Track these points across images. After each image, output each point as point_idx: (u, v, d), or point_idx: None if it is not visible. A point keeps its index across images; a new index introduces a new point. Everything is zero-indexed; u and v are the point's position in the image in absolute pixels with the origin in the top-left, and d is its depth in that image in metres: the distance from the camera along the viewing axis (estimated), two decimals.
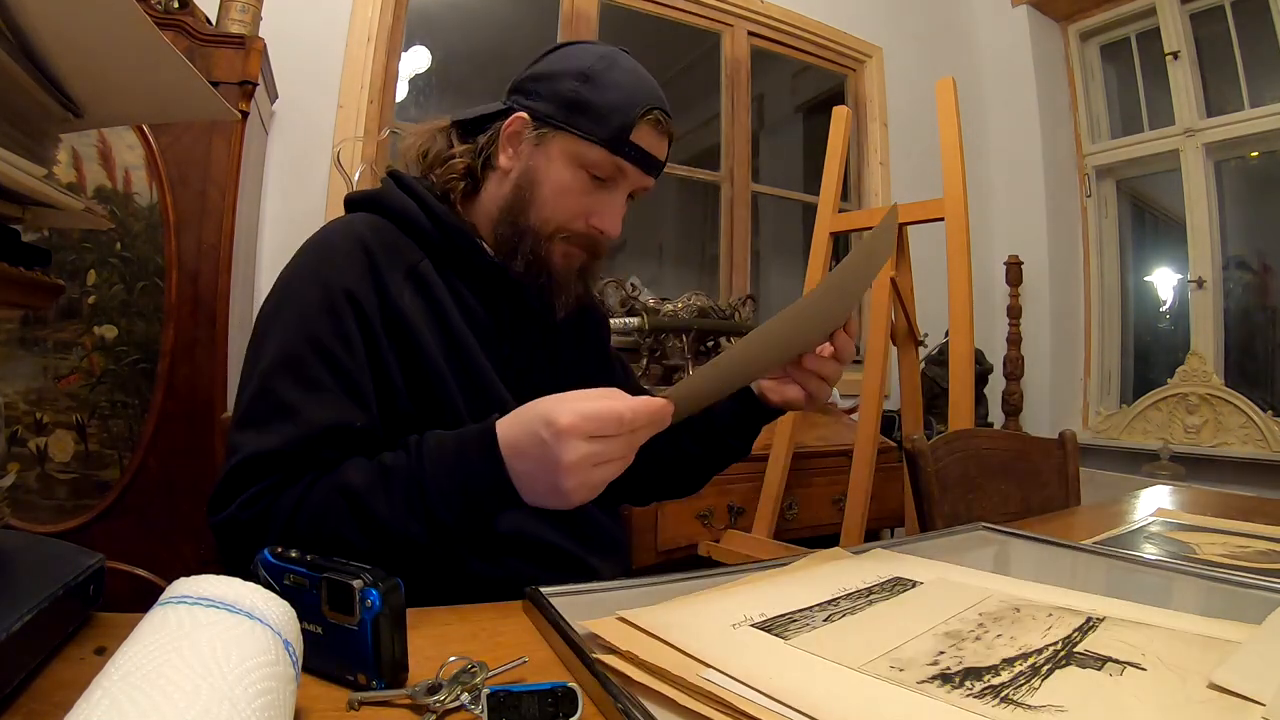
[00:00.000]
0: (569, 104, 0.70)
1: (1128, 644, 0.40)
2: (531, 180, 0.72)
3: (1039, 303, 3.01)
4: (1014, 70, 3.14)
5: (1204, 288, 2.73)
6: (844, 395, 2.56)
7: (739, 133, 2.74)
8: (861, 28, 2.99)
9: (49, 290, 0.49)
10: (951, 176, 1.64)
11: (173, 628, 0.27)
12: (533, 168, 0.72)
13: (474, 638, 0.44)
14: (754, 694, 0.33)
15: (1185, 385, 2.69)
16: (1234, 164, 2.83)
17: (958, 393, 1.58)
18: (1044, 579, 0.54)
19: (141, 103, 0.54)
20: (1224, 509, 0.96)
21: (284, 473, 0.57)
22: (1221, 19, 2.72)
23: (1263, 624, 0.44)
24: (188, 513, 1.39)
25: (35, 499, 1.30)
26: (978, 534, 0.75)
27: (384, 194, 0.74)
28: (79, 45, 0.42)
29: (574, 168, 0.71)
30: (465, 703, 0.34)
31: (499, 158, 0.74)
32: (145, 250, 1.38)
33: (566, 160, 0.71)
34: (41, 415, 1.31)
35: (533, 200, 0.72)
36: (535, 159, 0.72)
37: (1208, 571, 0.60)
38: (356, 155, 1.97)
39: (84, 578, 0.39)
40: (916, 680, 0.35)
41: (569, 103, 0.70)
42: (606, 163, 0.71)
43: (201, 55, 1.41)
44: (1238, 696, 0.34)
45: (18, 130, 0.42)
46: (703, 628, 0.41)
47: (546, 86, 0.72)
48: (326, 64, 1.99)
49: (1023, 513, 1.08)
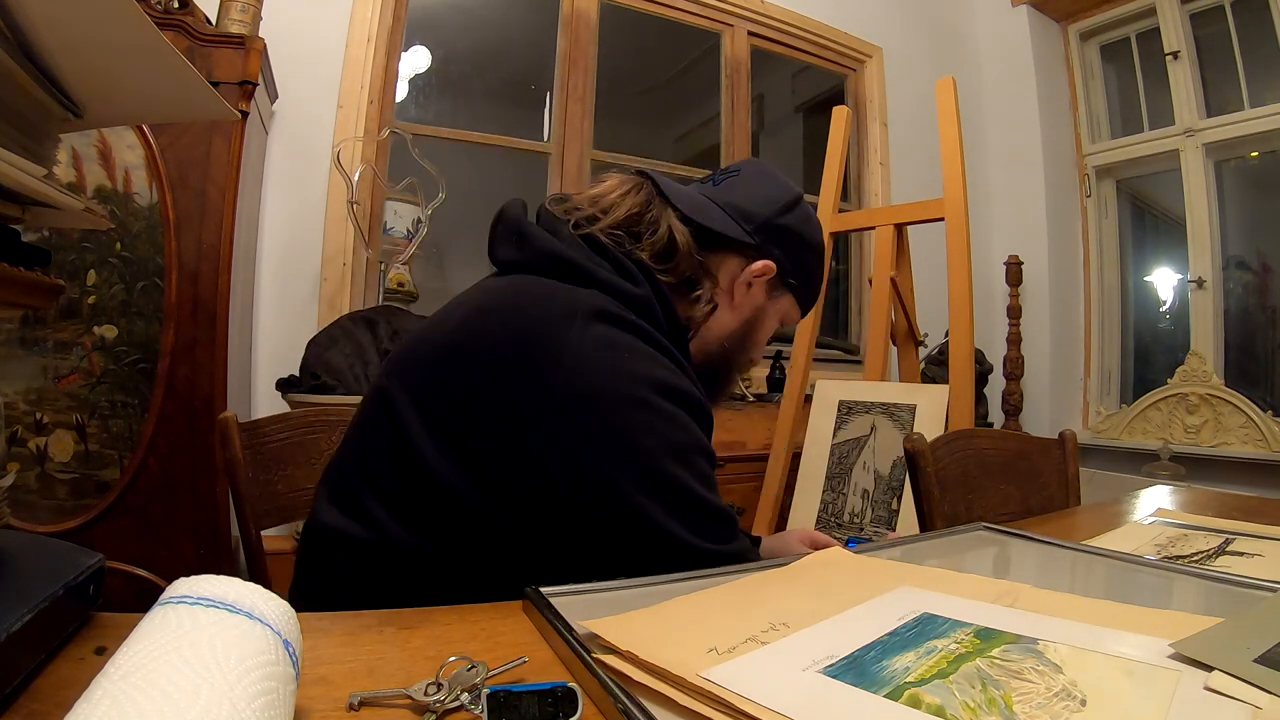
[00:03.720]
0: (804, 275, 0.79)
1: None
2: (756, 325, 0.78)
3: (1039, 303, 3.02)
4: (1014, 70, 3.14)
5: (1204, 288, 2.73)
6: None
7: (739, 133, 2.74)
8: (861, 28, 3.00)
9: (49, 290, 0.49)
10: (951, 176, 1.65)
11: (173, 628, 0.27)
12: (762, 312, 0.77)
13: (474, 638, 0.44)
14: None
15: (1185, 385, 2.70)
16: (1234, 164, 2.83)
17: (958, 393, 1.58)
18: (1044, 579, 0.54)
19: (141, 103, 0.54)
20: (1224, 509, 0.96)
21: None
22: (1221, 19, 2.72)
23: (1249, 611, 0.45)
24: (188, 513, 1.39)
25: (35, 499, 1.30)
26: (978, 534, 0.75)
27: (649, 307, 0.65)
28: (79, 45, 0.42)
29: (778, 321, 0.80)
30: (465, 703, 0.34)
31: (733, 289, 0.75)
32: (145, 250, 1.38)
33: (778, 315, 0.80)
34: (41, 415, 1.31)
35: (752, 343, 0.79)
36: (766, 306, 0.78)
37: (1208, 571, 0.60)
38: (356, 155, 1.97)
39: (84, 578, 0.39)
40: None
41: (805, 273, 0.79)
42: (792, 322, 0.82)
43: (201, 55, 1.41)
44: (1198, 665, 0.35)
45: (18, 130, 0.42)
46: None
47: (792, 248, 0.76)
48: (326, 64, 2.00)
49: (1023, 513, 1.08)
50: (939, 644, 0.40)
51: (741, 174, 0.77)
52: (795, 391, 1.91)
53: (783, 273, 0.75)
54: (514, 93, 2.70)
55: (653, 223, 0.70)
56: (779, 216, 0.75)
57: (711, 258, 0.73)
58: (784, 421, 1.91)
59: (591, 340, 0.58)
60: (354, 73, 2.02)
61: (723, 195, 0.75)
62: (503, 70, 2.65)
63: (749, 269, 0.74)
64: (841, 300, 3.07)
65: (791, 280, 0.77)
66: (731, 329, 0.76)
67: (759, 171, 0.78)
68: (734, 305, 0.75)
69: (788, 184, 0.79)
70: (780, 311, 0.79)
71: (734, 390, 0.82)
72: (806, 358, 1.93)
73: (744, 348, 0.78)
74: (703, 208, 0.73)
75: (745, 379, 2.44)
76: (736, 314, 0.75)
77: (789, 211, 0.76)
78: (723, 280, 0.74)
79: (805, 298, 0.80)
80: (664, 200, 0.72)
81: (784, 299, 0.78)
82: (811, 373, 1.98)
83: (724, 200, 0.74)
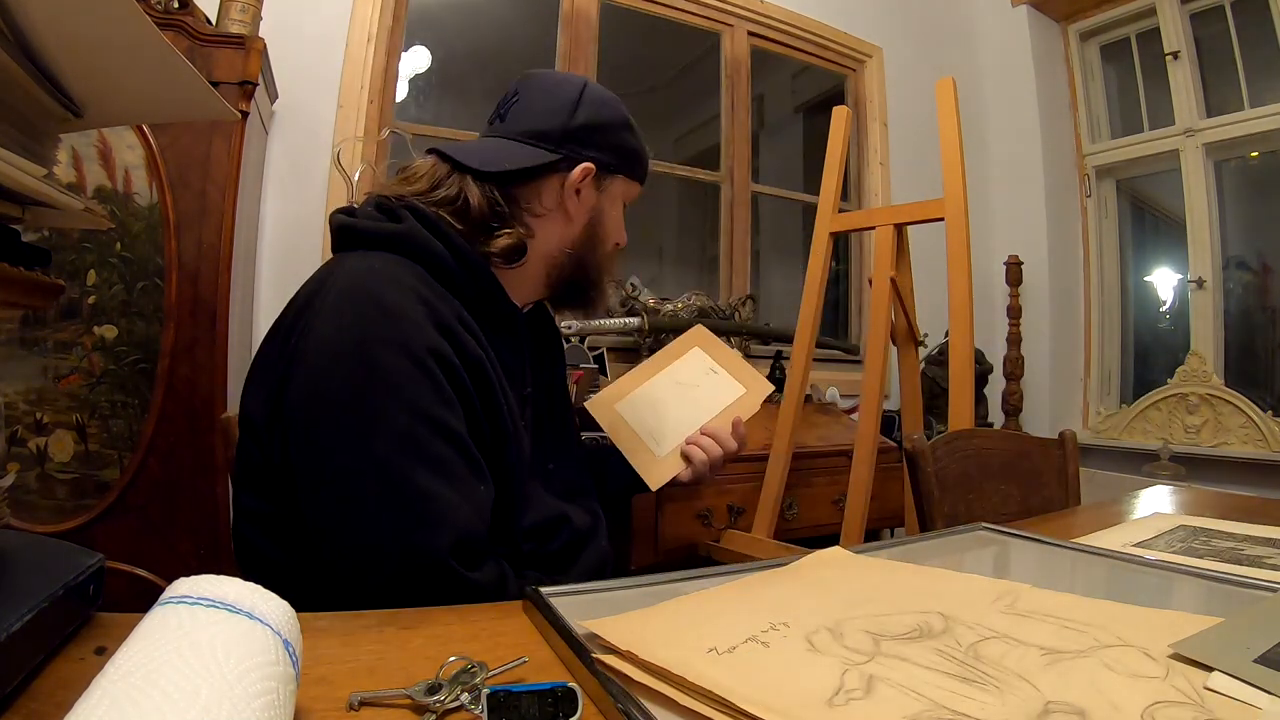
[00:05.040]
0: (625, 153, 0.81)
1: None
2: (598, 221, 0.81)
3: (1039, 303, 3.01)
4: (1014, 70, 3.14)
5: (1204, 288, 2.73)
6: (844, 395, 2.56)
7: (739, 133, 2.74)
8: (861, 28, 2.99)
9: (49, 290, 0.49)
10: (951, 176, 1.64)
11: (173, 628, 0.27)
12: (598, 209, 0.80)
13: (474, 638, 0.44)
14: (754, 694, 0.33)
15: (1185, 385, 2.69)
16: (1234, 164, 2.83)
17: (958, 393, 1.58)
18: (1044, 579, 0.54)
19: (141, 103, 0.54)
20: (1224, 509, 0.96)
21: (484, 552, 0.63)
22: (1221, 19, 2.72)
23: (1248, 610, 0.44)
24: (188, 513, 1.39)
25: (35, 499, 1.30)
26: (977, 534, 0.75)
27: (412, 235, 0.70)
28: (79, 45, 0.42)
29: (620, 203, 0.83)
30: (465, 703, 0.34)
31: (564, 203, 0.78)
32: (145, 250, 1.38)
33: (616, 201, 0.82)
34: (41, 415, 1.31)
35: (600, 238, 0.82)
36: (600, 202, 0.81)
37: (1208, 571, 0.60)
38: (356, 155, 1.97)
39: (84, 578, 0.39)
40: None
41: (626, 152, 0.81)
42: (637, 194, 0.84)
43: (201, 55, 1.41)
44: (1198, 665, 0.35)
45: (18, 130, 0.42)
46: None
47: (603, 137, 0.79)
48: (326, 64, 1.99)
49: (1023, 513, 1.08)
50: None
51: (520, 96, 0.79)
52: (795, 391, 1.91)
53: (601, 165, 0.78)
54: None
55: (450, 191, 0.74)
56: (570, 119, 0.77)
57: (526, 189, 0.76)
58: (784, 421, 1.91)
59: (331, 308, 0.63)
60: (354, 73, 2.02)
61: (512, 126, 0.78)
62: (503, 70, 2.64)
63: (568, 180, 0.77)
64: (841, 300, 3.07)
65: (612, 165, 0.80)
66: (575, 235, 0.80)
67: (534, 85, 0.80)
68: (571, 216, 0.79)
69: (565, 80, 0.81)
70: (616, 197, 0.82)
71: (607, 293, 0.86)
72: (806, 358, 1.93)
73: (593, 245, 0.81)
74: (497, 154, 0.76)
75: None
76: (577, 221, 0.80)
77: (577, 108, 0.78)
78: (548, 201, 0.77)
79: (635, 171, 0.83)
80: (459, 169, 0.75)
81: (614, 184, 0.81)
82: (812, 373, 1.98)
83: (516, 131, 0.77)
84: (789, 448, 1.86)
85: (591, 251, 0.81)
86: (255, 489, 0.67)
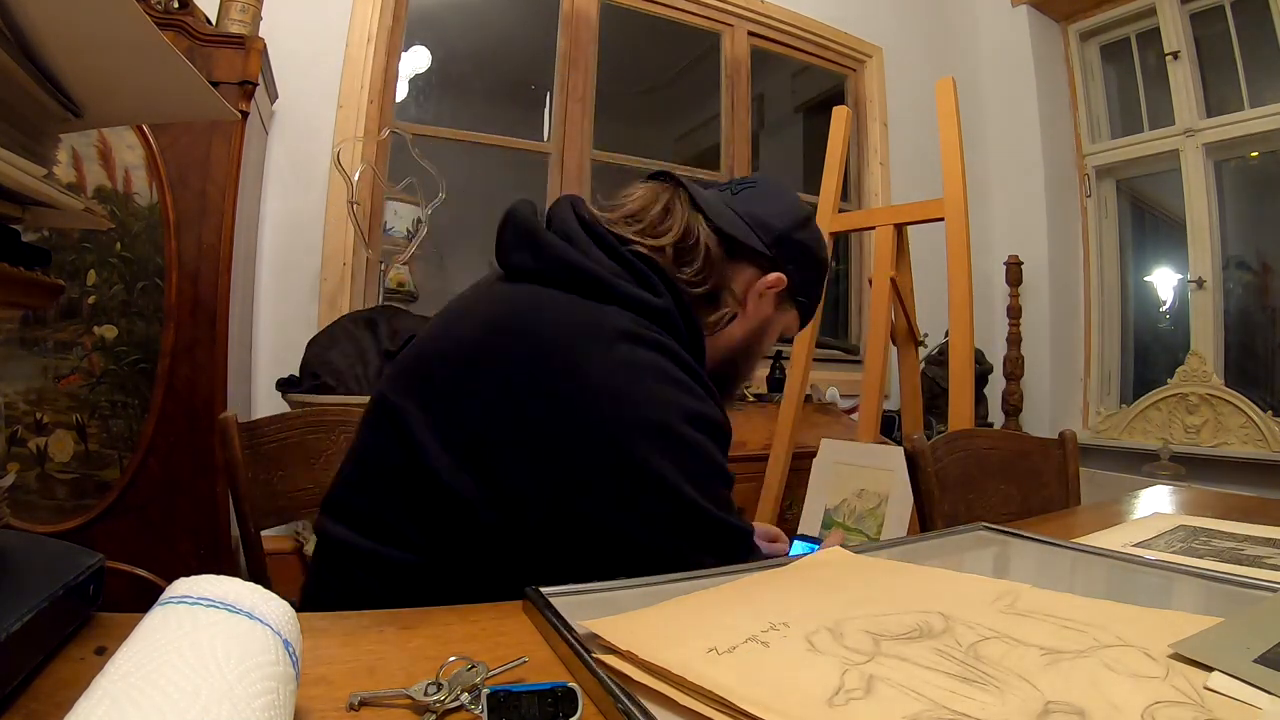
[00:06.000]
0: (810, 290, 0.80)
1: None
2: (761, 335, 0.78)
3: (1039, 303, 3.02)
4: (1014, 70, 3.14)
5: (1204, 288, 2.73)
6: (844, 395, 2.56)
7: (739, 133, 2.74)
8: (861, 28, 3.00)
9: (49, 290, 0.49)
10: (951, 176, 1.65)
11: (173, 628, 0.27)
12: (769, 323, 0.77)
13: (474, 638, 0.44)
14: (754, 694, 0.33)
15: (1185, 385, 2.70)
16: (1234, 164, 2.83)
17: (958, 393, 1.58)
18: (1044, 579, 0.54)
19: (141, 103, 0.54)
20: (1224, 509, 0.96)
21: None
22: (1221, 19, 2.72)
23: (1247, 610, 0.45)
24: (188, 513, 1.39)
25: (35, 499, 1.30)
26: (977, 534, 0.75)
27: (670, 314, 0.65)
28: (79, 45, 0.42)
29: (779, 329, 0.81)
30: (465, 703, 0.34)
31: (745, 299, 0.75)
32: (145, 250, 1.38)
33: (781, 327, 0.80)
34: (41, 415, 1.31)
35: (756, 353, 0.80)
36: (773, 317, 0.78)
37: (1208, 571, 0.60)
38: (356, 155, 1.97)
39: (84, 578, 0.39)
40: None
41: (810, 290, 0.80)
42: (794, 331, 0.84)
43: (201, 55, 1.41)
44: (1198, 665, 0.35)
45: (18, 130, 0.42)
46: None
47: (803, 264, 0.77)
48: (326, 64, 2.00)
49: (1023, 513, 1.08)
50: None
51: (758, 186, 0.78)
52: (795, 391, 1.91)
53: (792, 286, 0.76)
54: (514, 93, 2.70)
55: (683, 229, 0.70)
56: (794, 231, 0.76)
57: (731, 266, 0.73)
58: (784, 421, 1.91)
59: (615, 363, 0.58)
60: (354, 73, 2.02)
61: (741, 204, 0.75)
62: (502, 70, 2.65)
63: (763, 280, 0.74)
64: (841, 300, 3.07)
65: (799, 295, 0.78)
66: (740, 338, 0.76)
67: (775, 185, 0.80)
68: (748, 314, 0.76)
69: (800, 201, 0.81)
70: (784, 324, 0.81)
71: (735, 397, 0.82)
72: (806, 358, 1.93)
73: (748, 357, 0.79)
74: (727, 216, 0.73)
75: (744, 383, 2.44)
76: (746, 324, 0.76)
77: (803, 228, 0.77)
78: (738, 289, 0.74)
79: (806, 312, 0.82)
80: (694, 207, 0.72)
81: (789, 312, 0.80)
82: (812, 373, 1.98)
83: (743, 210, 0.75)
84: (789, 448, 1.86)
85: (746, 358, 0.79)
86: (407, 530, 0.59)
